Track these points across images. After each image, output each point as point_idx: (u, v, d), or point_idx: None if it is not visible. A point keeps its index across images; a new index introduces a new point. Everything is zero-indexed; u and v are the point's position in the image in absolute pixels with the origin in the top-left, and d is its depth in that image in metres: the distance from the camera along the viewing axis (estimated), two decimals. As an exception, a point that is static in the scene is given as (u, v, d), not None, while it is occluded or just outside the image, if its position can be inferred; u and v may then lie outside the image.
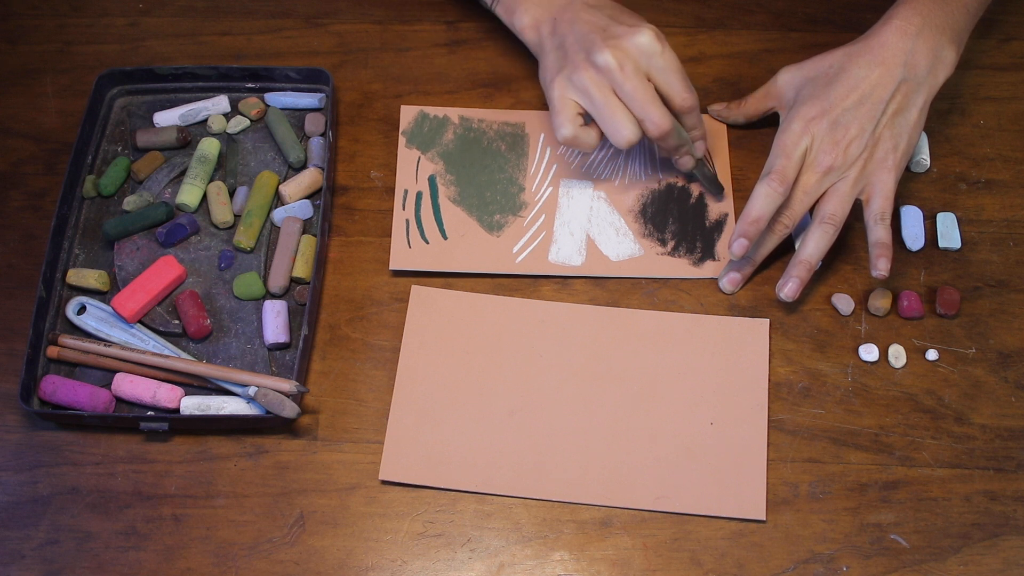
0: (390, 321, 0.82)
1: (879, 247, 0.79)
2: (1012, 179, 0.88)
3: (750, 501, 0.75)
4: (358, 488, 0.76)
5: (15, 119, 0.93)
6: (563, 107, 0.81)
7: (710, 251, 0.85)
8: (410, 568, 0.74)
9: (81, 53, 0.96)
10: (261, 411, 0.77)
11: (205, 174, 0.87)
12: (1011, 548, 0.74)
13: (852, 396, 0.79)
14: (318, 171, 0.87)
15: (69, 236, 0.85)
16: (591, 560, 0.74)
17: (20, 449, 0.78)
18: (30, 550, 0.74)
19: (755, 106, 0.89)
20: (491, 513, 0.75)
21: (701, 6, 0.98)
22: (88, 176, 0.87)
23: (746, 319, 0.82)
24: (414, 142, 0.90)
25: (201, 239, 0.86)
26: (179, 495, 0.76)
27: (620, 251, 0.85)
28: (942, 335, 0.81)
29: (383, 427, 0.78)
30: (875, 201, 0.81)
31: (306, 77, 0.91)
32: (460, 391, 0.79)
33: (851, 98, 0.81)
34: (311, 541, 0.74)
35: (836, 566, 0.73)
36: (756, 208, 0.79)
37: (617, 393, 0.79)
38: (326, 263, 0.85)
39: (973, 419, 0.78)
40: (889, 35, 0.81)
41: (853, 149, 0.80)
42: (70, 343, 0.80)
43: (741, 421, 0.78)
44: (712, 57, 0.95)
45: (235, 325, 0.82)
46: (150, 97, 0.92)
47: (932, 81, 0.82)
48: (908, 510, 0.75)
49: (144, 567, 0.74)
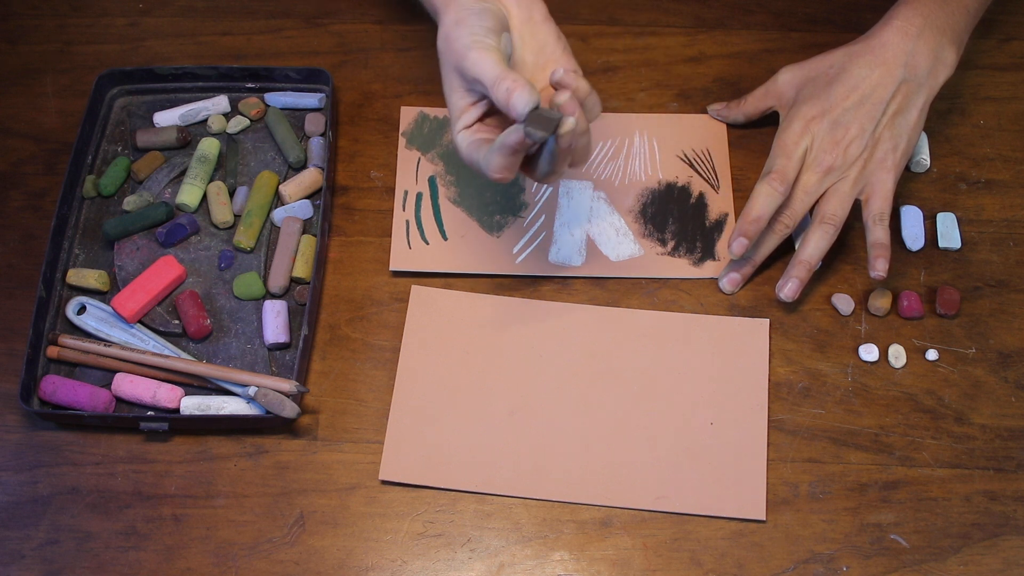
0: (390, 321, 0.82)
1: (877, 247, 0.79)
2: (1012, 179, 0.88)
3: (750, 501, 0.75)
4: (358, 488, 0.76)
5: (15, 119, 0.93)
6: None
7: (710, 251, 0.85)
8: (410, 568, 0.74)
9: (81, 53, 0.96)
10: (261, 411, 0.77)
11: (205, 174, 0.87)
12: (1011, 548, 0.74)
13: (852, 396, 0.79)
14: (318, 171, 0.87)
15: (69, 236, 0.85)
16: (591, 560, 0.74)
17: (20, 449, 0.78)
18: (30, 550, 0.74)
19: (754, 105, 0.89)
20: (491, 513, 0.75)
21: (701, 6, 0.98)
22: (88, 176, 0.87)
23: (746, 319, 0.82)
24: (414, 143, 0.90)
25: (201, 239, 0.86)
26: (179, 495, 0.76)
27: (620, 251, 0.85)
28: (942, 335, 0.81)
29: (383, 427, 0.78)
30: (874, 201, 0.81)
31: (306, 77, 0.91)
32: (460, 391, 0.79)
33: (852, 98, 0.81)
34: (311, 541, 0.74)
35: (836, 566, 0.73)
36: (756, 207, 0.79)
37: (617, 393, 0.79)
38: (326, 263, 0.85)
39: (973, 419, 0.78)
40: (890, 35, 0.81)
41: (853, 149, 0.80)
42: (70, 343, 0.80)
43: (741, 421, 0.78)
44: (712, 57, 0.95)
45: (235, 325, 0.82)
46: (150, 97, 0.92)
47: (932, 82, 0.82)
48: (908, 510, 0.75)
49: (144, 567, 0.74)
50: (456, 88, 0.72)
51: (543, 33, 0.73)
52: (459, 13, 0.71)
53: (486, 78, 0.68)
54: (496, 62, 0.68)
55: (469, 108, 0.72)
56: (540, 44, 0.73)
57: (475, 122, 0.72)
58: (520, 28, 0.73)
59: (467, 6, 0.71)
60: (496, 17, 0.71)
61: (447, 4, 0.73)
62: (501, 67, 0.67)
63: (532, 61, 0.73)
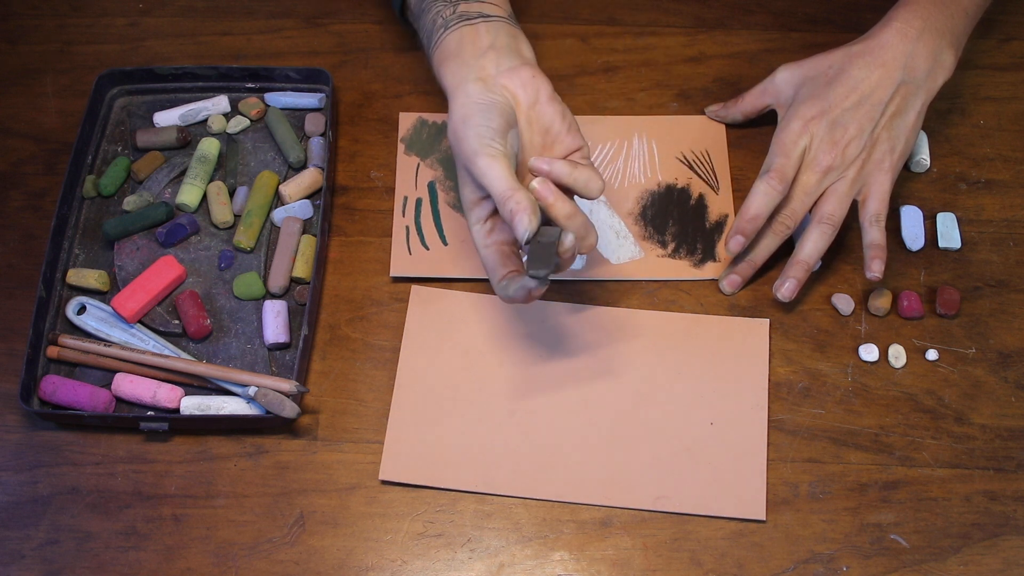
0: (390, 321, 0.82)
1: (874, 248, 0.80)
2: (1012, 179, 0.88)
3: (750, 501, 0.75)
4: (358, 488, 0.76)
5: (15, 119, 0.93)
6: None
7: (710, 252, 0.85)
8: (410, 568, 0.74)
9: (81, 53, 0.96)
10: (261, 411, 0.77)
11: (205, 174, 0.87)
12: (1011, 548, 0.74)
13: (852, 396, 0.79)
14: (318, 171, 0.87)
15: (69, 236, 0.85)
16: (591, 560, 0.74)
17: (20, 449, 0.78)
18: (30, 550, 0.74)
19: (752, 103, 0.89)
20: (491, 513, 0.75)
21: (701, 6, 0.98)
22: (88, 176, 0.87)
23: (746, 319, 0.82)
24: (413, 149, 0.90)
25: (201, 239, 0.86)
26: (179, 495, 0.76)
27: (620, 254, 0.85)
28: (942, 335, 0.81)
29: (383, 427, 0.78)
30: (871, 202, 0.81)
31: (306, 77, 0.91)
32: (460, 391, 0.79)
33: (851, 99, 0.81)
34: (311, 541, 0.74)
35: (836, 566, 0.73)
36: (754, 206, 0.79)
37: (617, 393, 0.79)
38: (326, 263, 0.85)
39: (973, 419, 0.78)
40: (890, 37, 0.81)
41: (852, 149, 0.81)
42: (70, 343, 0.80)
43: (741, 421, 0.78)
44: (712, 57, 0.95)
45: (235, 325, 0.82)
46: (150, 97, 0.92)
47: (931, 84, 0.82)
48: (908, 510, 0.75)
49: (144, 567, 0.74)
50: (467, 182, 0.74)
51: (549, 114, 0.75)
52: (466, 108, 0.72)
53: (493, 192, 0.70)
54: (503, 173, 0.69)
55: (479, 203, 0.74)
56: (546, 125, 0.75)
57: (488, 217, 0.74)
58: (527, 112, 0.74)
59: (474, 99, 0.72)
60: (503, 113, 0.72)
61: (455, 90, 0.74)
62: (507, 181, 0.69)
63: (540, 142, 0.75)
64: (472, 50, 0.75)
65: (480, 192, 0.73)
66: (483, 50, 0.75)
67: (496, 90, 0.73)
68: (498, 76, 0.74)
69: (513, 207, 0.68)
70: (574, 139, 0.75)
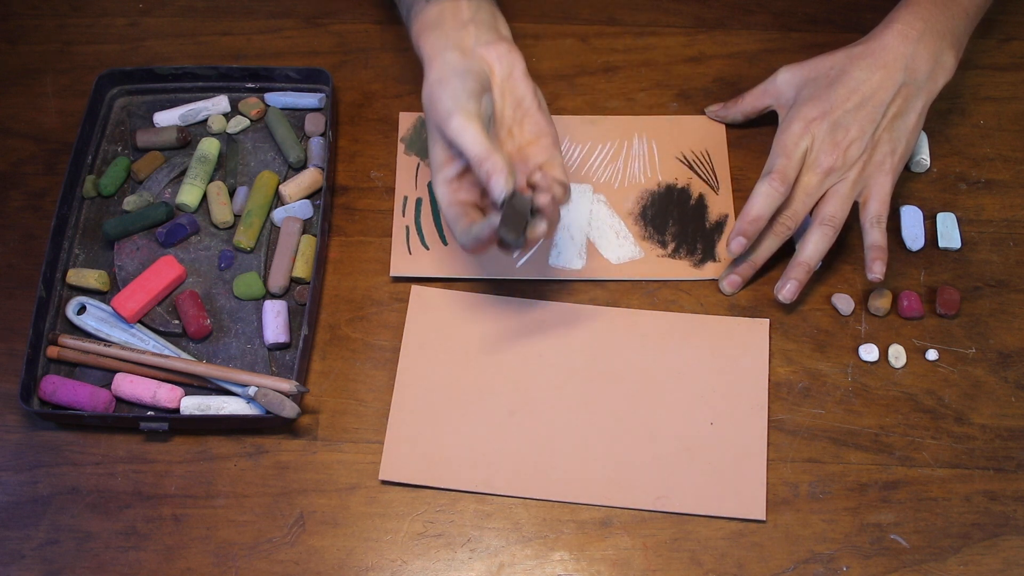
0: (390, 321, 0.82)
1: (875, 250, 0.80)
2: (1012, 179, 0.88)
3: (750, 501, 0.75)
4: (358, 488, 0.76)
5: (15, 119, 0.93)
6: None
7: (711, 253, 0.85)
8: (410, 568, 0.74)
9: (81, 53, 0.96)
10: (261, 411, 0.77)
11: (205, 174, 0.87)
12: (1011, 548, 0.74)
13: (852, 396, 0.79)
14: (318, 171, 0.87)
15: (69, 236, 0.85)
16: (591, 560, 0.74)
17: (20, 449, 0.78)
18: (30, 550, 0.74)
19: (752, 103, 0.89)
20: (491, 513, 0.75)
21: (701, 6, 0.98)
22: (88, 176, 0.87)
23: (746, 319, 0.82)
24: (412, 149, 0.90)
25: (201, 239, 0.86)
26: (179, 495, 0.76)
27: (620, 254, 0.85)
28: (942, 335, 0.81)
29: (383, 427, 0.78)
30: (872, 204, 0.81)
31: (306, 77, 0.91)
32: (460, 391, 0.79)
33: (852, 100, 0.81)
34: (311, 541, 0.74)
35: (836, 566, 0.73)
36: (756, 207, 0.79)
37: (617, 393, 0.79)
38: (326, 263, 0.85)
39: (973, 419, 0.78)
40: (891, 39, 0.81)
41: (853, 151, 0.81)
42: (70, 343, 0.80)
43: (741, 421, 0.78)
44: (712, 57, 0.95)
45: (235, 325, 0.82)
46: (150, 97, 0.92)
47: (931, 86, 0.82)
48: (908, 510, 0.75)
49: (144, 567, 0.74)
50: (437, 142, 0.75)
51: (521, 89, 0.77)
52: (442, 71, 0.75)
53: (468, 153, 0.72)
54: (478, 134, 0.72)
55: (449, 162, 0.75)
56: (518, 99, 0.77)
57: (455, 177, 0.75)
58: (501, 84, 0.76)
59: (451, 65, 0.75)
60: (478, 78, 0.74)
61: (432, 57, 0.76)
62: (483, 143, 0.71)
63: (510, 115, 0.77)
64: (453, 22, 0.77)
65: (449, 152, 0.75)
66: (463, 23, 0.77)
67: (474, 59, 0.75)
68: (476, 47, 0.76)
69: (489, 168, 0.71)
70: (543, 117, 0.77)
